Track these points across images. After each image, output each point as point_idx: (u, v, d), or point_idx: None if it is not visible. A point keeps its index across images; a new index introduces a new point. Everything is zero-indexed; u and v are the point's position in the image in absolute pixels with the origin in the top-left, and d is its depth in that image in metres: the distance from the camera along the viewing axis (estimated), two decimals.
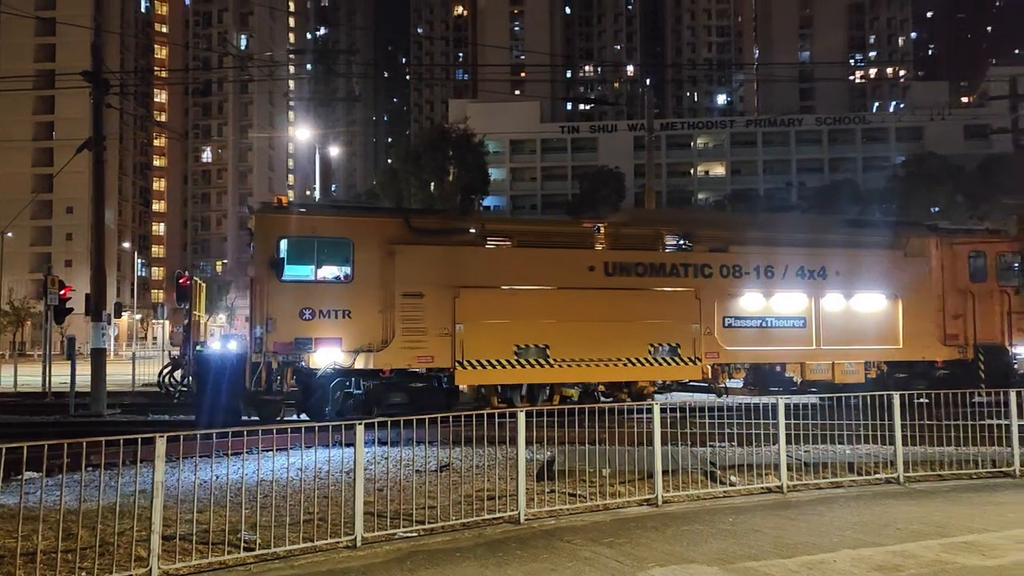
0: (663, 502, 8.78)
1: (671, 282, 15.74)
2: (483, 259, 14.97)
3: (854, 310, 16.99)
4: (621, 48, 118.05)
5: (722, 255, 16.23)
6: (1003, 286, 17.87)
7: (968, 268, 17.88)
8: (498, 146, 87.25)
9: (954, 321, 17.52)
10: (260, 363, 13.59)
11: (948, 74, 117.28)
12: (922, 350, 17.28)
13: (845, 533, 7.43)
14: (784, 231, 17.72)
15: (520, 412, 8.34)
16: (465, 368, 14.42)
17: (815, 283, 16.71)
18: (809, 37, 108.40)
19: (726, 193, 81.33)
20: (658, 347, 15.51)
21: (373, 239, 14.37)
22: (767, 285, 16.41)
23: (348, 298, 14.13)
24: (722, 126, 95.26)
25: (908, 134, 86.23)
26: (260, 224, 14.34)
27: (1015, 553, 6.69)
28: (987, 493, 9.39)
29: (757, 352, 16.40)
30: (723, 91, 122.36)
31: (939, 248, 17.82)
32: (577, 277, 15.19)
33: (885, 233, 18.42)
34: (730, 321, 16.12)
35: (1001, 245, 18.45)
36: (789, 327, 16.51)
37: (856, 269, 16.96)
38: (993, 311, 17.69)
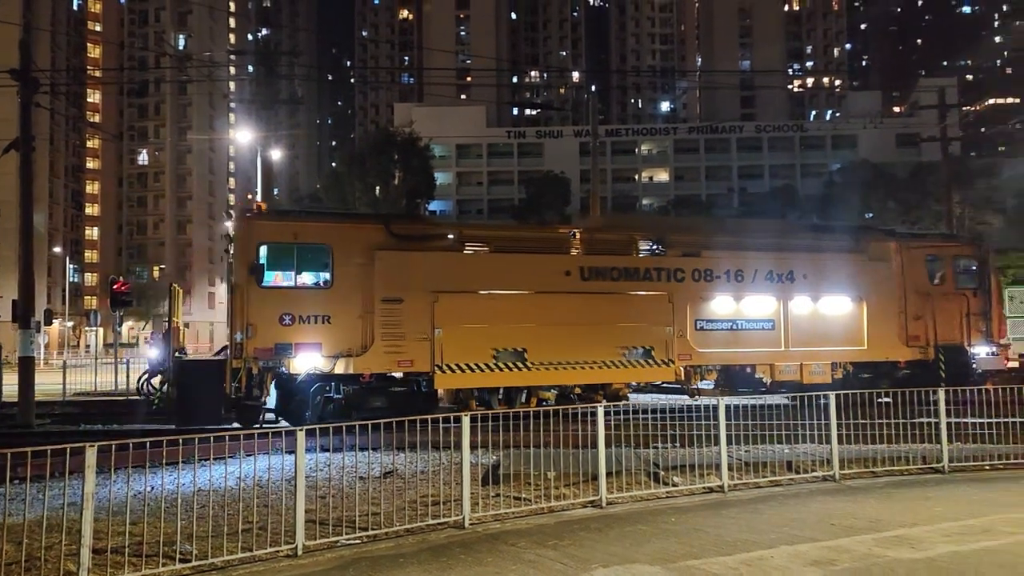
0: (607, 503, 8.83)
1: (645, 286, 16.12)
2: (461, 264, 15.22)
3: (821, 312, 17.49)
4: (566, 54, 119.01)
5: (694, 260, 16.66)
6: (961, 289, 18.57)
7: (927, 271, 18.52)
8: (444, 150, 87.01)
9: (915, 322, 18.09)
10: (240, 368, 13.63)
11: (881, 84, 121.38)
12: (886, 351, 17.82)
13: (783, 530, 7.58)
14: (753, 236, 18.16)
15: (464, 416, 8.30)
16: (444, 372, 14.60)
17: (783, 286, 17.20)
18: (749, 46, 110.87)
19: (670, 199, 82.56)
20: (632, 350, 15.87)
21: (353, 245, 14.50)
22: (737, 289, 16.86)
23: (328, 303, 14.25)
24: (665, 133, 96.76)
25: (843, 142, 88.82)
26: (240, 230, 14.42)
27: (943, 545, 6.92)
28: (918, 489, 9.68)
29: (728, 354, 16.82)
30: (667, 98, 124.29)
31: (900, 252, 18.39)
32: (553, 281, 15.47)
33: (848, 238, 18.98)
34: (702, 324, 16.53)
35: (958, 249, 19.27)
36: (758, 329, 16.98)
37: (822, 273, 17.46)
38: (952, 313, 18.32)
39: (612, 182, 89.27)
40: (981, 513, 8.12)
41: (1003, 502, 8.74)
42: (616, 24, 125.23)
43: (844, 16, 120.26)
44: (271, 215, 15.02)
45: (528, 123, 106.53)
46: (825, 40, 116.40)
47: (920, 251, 18.71)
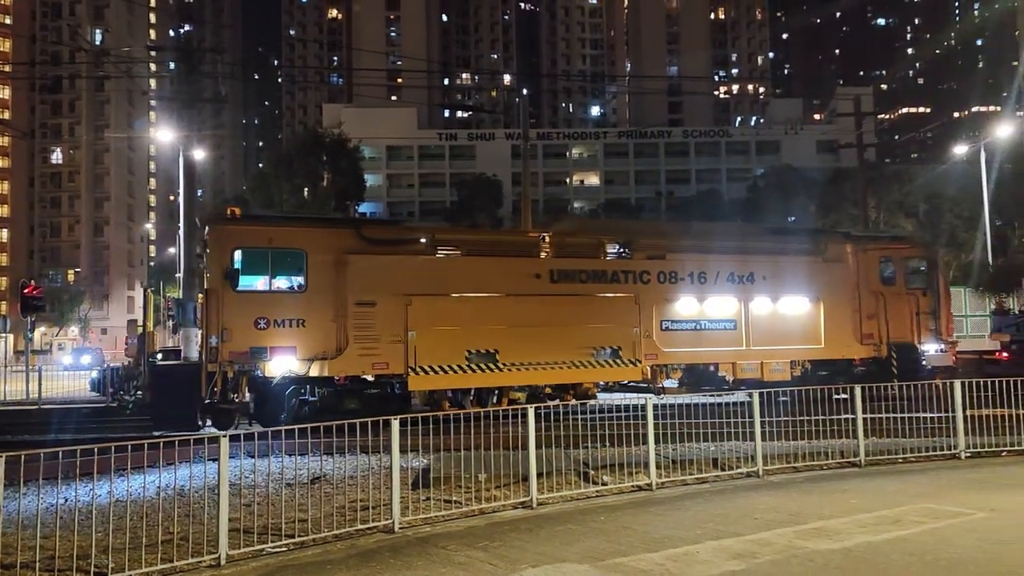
0: (538, 504, 8.87)
1: (612, 288, 16.56)
2: (434, 268, 15.47)
3: (780, 312, 18.07)
4: (498, 57, 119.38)
5: (660, 262, 17.15)
6: (911, 289, 19.29)
7: (880, 272, 19.20)
8: (374, 152, 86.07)
9: (869, 321, 18.73)
10: (216, 372, 13.69)
11: (802, 92, 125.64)
12: (841, 349, 18.45)
13: (708, 525, 7.75)
14: (716, 239, 18.64)
15: (394, 420, 8.23)
16: (418, 374, 14.83)
17: (744, 287, 17.75)
18: (677, 53, 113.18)
19: (600, 202, 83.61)
20: (601, 350, 16.26)
21: (326, 249, 14.64)
22: (700, 290, 17.37)
23: (302, 307, 14.39)
24: (596, 137, 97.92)
25: (767, 147, 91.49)
26: (215, 235, 14.45)
27: (858, 536, 7.18)
28: (837, 482, 10.02)
29: (692, 353, 17.32)
30: (597, 103, 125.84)
31: (855, 254, 19.07)
32: (524, 284, 15.81)
33: (806, 240, 19.69)
34: (667, 324, 17.00)
35: (909, 251, 20.02)
36: (721, 329, 17.49)
37: (781, 274, 18.05)
38: (903, 312, 19.03)
39: (544, 185, 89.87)
40: (894, 504, 8.46)
41: (913, 493, 9.13)
42: (547, 28, 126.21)
43: (767, 26, 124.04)
44: (246, 220, 15.08)
45: (460, 125, 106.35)
46: (749, 48, 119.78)
47: (874, 253, 19.33)
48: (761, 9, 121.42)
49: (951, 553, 6.58)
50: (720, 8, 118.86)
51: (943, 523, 7.59)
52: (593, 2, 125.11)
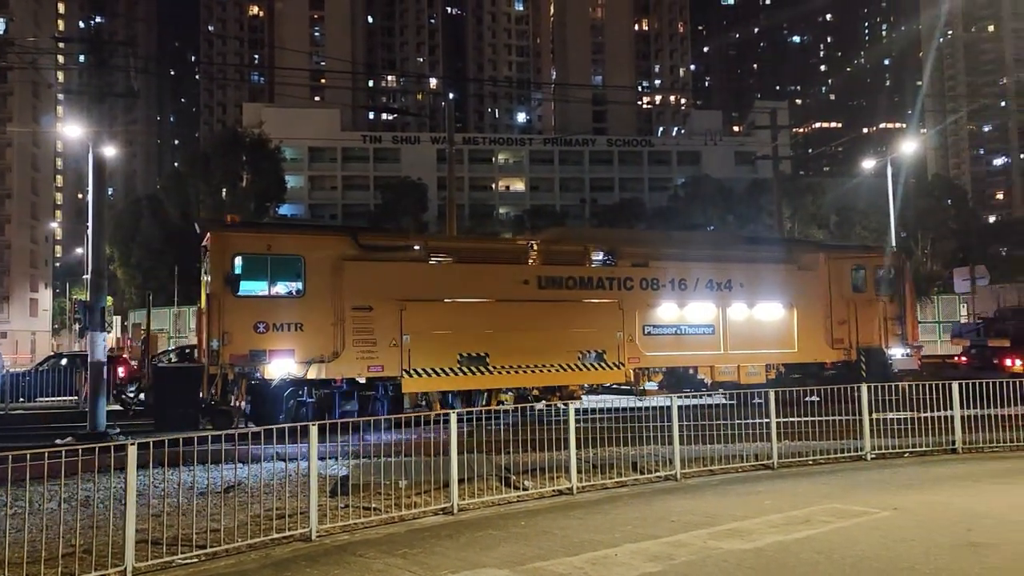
0: (459, 510, 8.82)
1: (597, 294, 17.14)
2: (427, 274, 15.99)
3: (756, 318, 18.77)
4: (424, 61, 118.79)
5: (642, 269, 17.76)
6: (879, 296, 20.11)
7: (851, 280, 19.97)
8: (296, 153, 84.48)
9: (840, 327, 19.49)
10: (216, 375, 14.09)
11: (722, 105, 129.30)
12: (814, 353, 19.23)
13: (627, 528, 7.85)
14: (696, 247, 19.40)
15: (312, 427, 8.06)
16: (412, 376, 15.32)
17: (722, 294, 18.44)
18: (601, 63, 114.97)
19: (526, 208, 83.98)
20: (586, 353, 16.86)
21: (324, 256, 15.08)
22: (681, 296, 18.04)
23: (301, 312, 14.82)
24: (521, 143, 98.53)
25: (688, 158, 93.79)
26: (216, 241, 14.81)
27: (770, 536, 7.39)
28: (750, 484, 10.29)
29: (673, 357, 17.94)
30: (523, 109, 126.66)
31: (826, 262, 19.85)
32: (513, 290, 16.39)
33: (780, 249, 20.57)
34: (649, 329, 17.63)
35: (878, 259, 20.84)
36: (700, 334, 18.20)
37: (757, 281, 18.79)
38: (872, 318, 19.82)
39: (469, 190, 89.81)
40: (804, 504, 8.74)
41: (822, 493, 9.45)
42: (473, 34, 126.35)
43: (688, 39, 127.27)
44: (246, 227, 15.76)
45: (384, 128, 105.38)
46: (671, 61, 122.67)
47: (845, 261, 20.21)
48: (683, 23, 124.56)
49: (856, 551, 6.83)
50: (644, 20, 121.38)
51: (849, 522, 7.88)
52: (520, 9, 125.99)
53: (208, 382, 14.10)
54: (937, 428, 12.95)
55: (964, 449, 12.65)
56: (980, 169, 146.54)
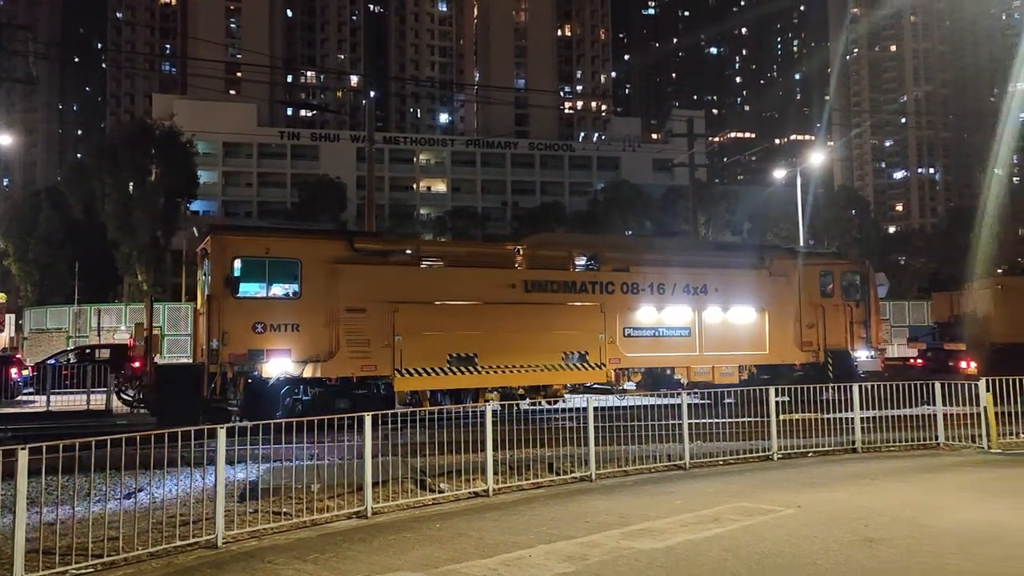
0: (373, 513, 8.69)
1: (580, 298, 17.83)
2: (419, 278, 16.60)
3: (729, 321, 19.57)
4: (345, 58, 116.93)
5: (623, 274, 18.50)
6: (846, 301, 21.00)
7: (819, 285, 20.84)
8: (209, 147, 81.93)
9: (808, 330, 20.38)
10: (216, 373, 14.57)
11: (641, 112, 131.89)
12: (784, 355, 20.08)
13: (542, 529, 7.87)
14: (673, 253, 20.14)
15: (220, 429, 7.80)
16: (404, 376, 15.87)
17: (698, 298, 19.22)
18: (524, 66, 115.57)
19: (447, 209, 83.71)
20: (570, 355, 17.56)
21: (320, 259, 15.60)
22: (659, 300, 18.79)
23: (297, 313, 15.34)
24: (443, 144, 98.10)
25: (607, 163, 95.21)
26: (216, 244, 15.29)
27: (681, 535, 7.53)
28: (663, 484, 10.48)
29: (651, 358, 18.69)
30: (445, 110, 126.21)
31: (796, 268, 20.71)
32: (500, 293, 17.01)
33: (753, 255, 21.33)
34: (629, 331, 18.35)
35: (845, 266, 21.86)
36: (677, 336, 18.98)
37: (731, 286, 19.61)
38: (839, 321, 20.72)
39: (390, 190, 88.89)
40: (714, 504, 8.95)
41: (732, 492, 9.71)
42: (396, 33, 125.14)
43: (609, 46, 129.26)
44: (245, 230, 16.53)
45: (303, 125, 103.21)
46: (593, 67, 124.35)
47: (815, 268, 21.10)
48: (605, 30, 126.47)
49: (762, 548, 7.03)
50: (566, 26, 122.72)
51: (756, 520, 8.11)
52: (443, 10, 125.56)
53: (208, 380, 14.55)
54: (839, 429, 13.52)
55: (864, 449, 13.23)
56: (882, 181, 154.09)
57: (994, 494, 9.48)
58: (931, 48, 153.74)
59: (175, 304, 36.45)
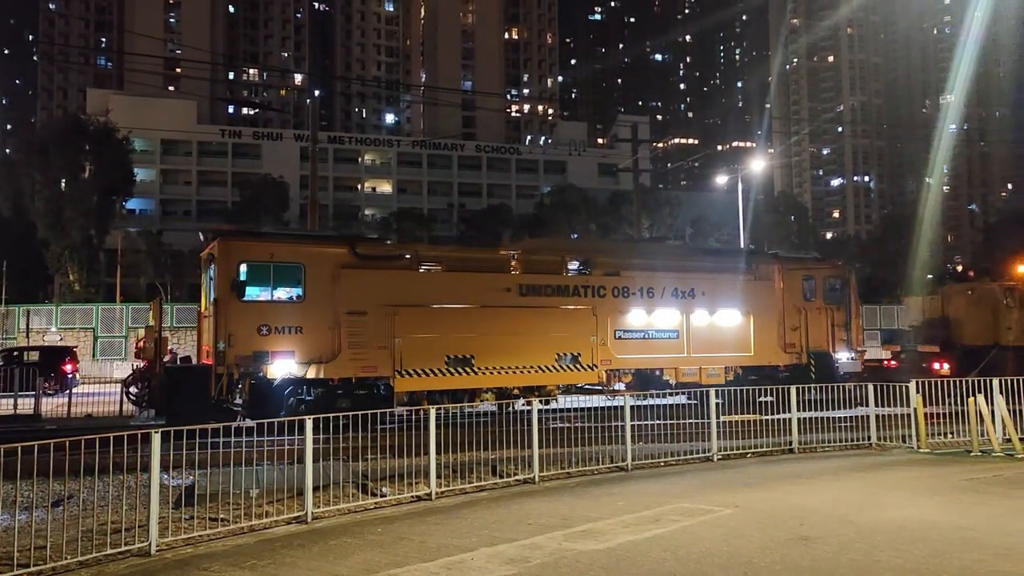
0: (313, 518, 8.57)
1: (573, 301, 18.44)
2: (417, 282, 17.06)
3: (716, 324, 20.16)
4: (288, 56, 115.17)
5: (614, 278, 19.09)
6: (828, 304, 21.69)
7: (802, 289, 21.51)
8: (147, 145, 79.74)
9: (792, 332, 21.06)
10: (223, 374, 14.95)
11: (587, 117, 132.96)
12: (768, 356, 20.69)
13: (484, 532, 7.86)
14: (662, 259, 20.70)
15: (155, 434, 7.59)
16: (403, 377, 16.37)
17: (686, 302, 19.81)
18: (471, 68, 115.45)
19: (392, 210, 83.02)
20: (563, 356, 18.12)
21: (322, 264, 16.09)
22: (649, 304, 19.35)
23: (300, 316, 15.79)
24: (389, 144, 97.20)
25: (554, 167, 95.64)
26: (224, 250, 15.73)
27: (622, 536, 7.60)
28: (606, 486, 10.56)
29: (641, 359, 19.18)
30: (391, 111, 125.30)
31: (780, 273, 21.35)
32: (496, 297, 17.54)
33: (738, 260, 21.92)
34: (620, 334, 18.93)
35: (827, 271, 22.56)
36: (666, 338, 19.56)
37: (718, 290, 20.22)
38: (821, 324, 21.40)
39: (334, 190, 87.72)
40: (655, 505, 9.06)
41: (673, 493, 9.84)
42: (342, 32, 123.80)
43: (556, 50, 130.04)
44: (251, 236, 16.77)
45: (245, 123, 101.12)
46: (540, 71, 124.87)
47: (797, 272, 21.68)
48: (552, 34, 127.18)
49: (701, 547, 7.14)
50: (514, 29, 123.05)
51: (696, 520, 8.24)
52: (390, 10, 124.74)
53: (215, 381, 14.97)
54: (778, 430, 13.83)
55: (800, 449, 13.55)
56: (820, 188, 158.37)
57: (922, 493, 9.80)
58: (866, 59, 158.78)
59: (108, 305, 35.29)
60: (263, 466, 9.90)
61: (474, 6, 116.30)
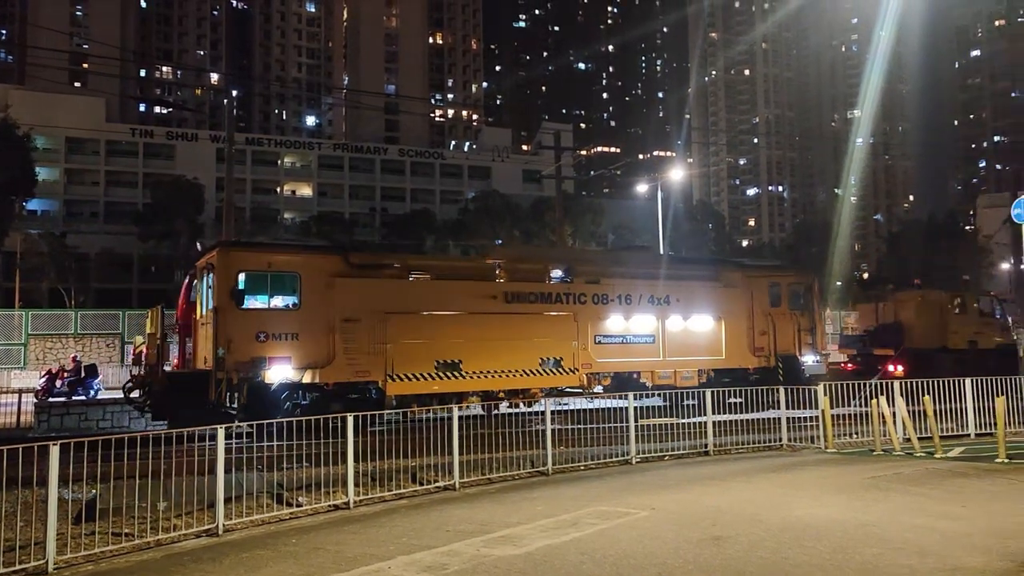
0: (225, 531, 8.31)
1: (555, 308, 19.06)
2: (407, 290, 17.57)
3: (689, 329, 20.90)
4: (204, 55, 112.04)
5: (594, 286, 19.74)
6: (793, 310, 22.56)
7: (769, 296, 22.31)
8: (51, 143, 76.24)
9: (760, 337, 21.87)
10: (223, 379, 15.31)
11: (512, 123, 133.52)
12: (739, 360, 21.48)
13: (402, 540, 7.77)
14: (638, 267, 21.39)
15: (53, 446, 7.22)
16: (395, 381, 16.84)
17: (661, 308, 20.55)
18: (395, 72, 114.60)
19: (312, 214, 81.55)
20: (546, 360, 18.75)
21: (317, 273, 16.56)
22: (627, 310, 20.03)
23: (296, 323, 16.23)
24: (310, 147, 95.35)
25: (478, 173, 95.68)
26: (223, 259, 16.10)
27: (540, 540, 7.63)
28: (526, 491, 10.59)
29: (620, 363, 19.87)
30: (312, 112, 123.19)
31: (748, 281, 22.21)
32: (483, 304, 18.10)
33: (710, 268, 22.90)
34: (600, 339, 19.59)
35: (792, 278, 23.46)
36: (642, 343, 20.25)
37: (691, 297, 20.99)
38: (788, 329, 22.29)
39: (252, 193, 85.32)
40: (573, 508, 9.13)
41: (591, 497, 9.94)
42: (261, 31, 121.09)
43: (481, 56, 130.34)
44: (249, 246, 17.52)
45: (157, 122, 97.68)
46: (464, 76, 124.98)
47: (764, 279, 22.52)
48: (476, 40, 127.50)
49: (617, 550, 7.22)
50: (438, 34, 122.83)
51: (613, 523, 8.33)
52: (312, 10, 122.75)
53: (215, 385, 15.33)
54: (694, 433, 14.15)
55: (715, 451, 13.89)
56: (736, 197, 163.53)
57: (828, 491, 10.17)
58: (779, 74, 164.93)
59: (6, 311, 33.46)
60: (171, 478, 9.53)
61: (398, 10, 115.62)
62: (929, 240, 68.26)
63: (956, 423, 15.57)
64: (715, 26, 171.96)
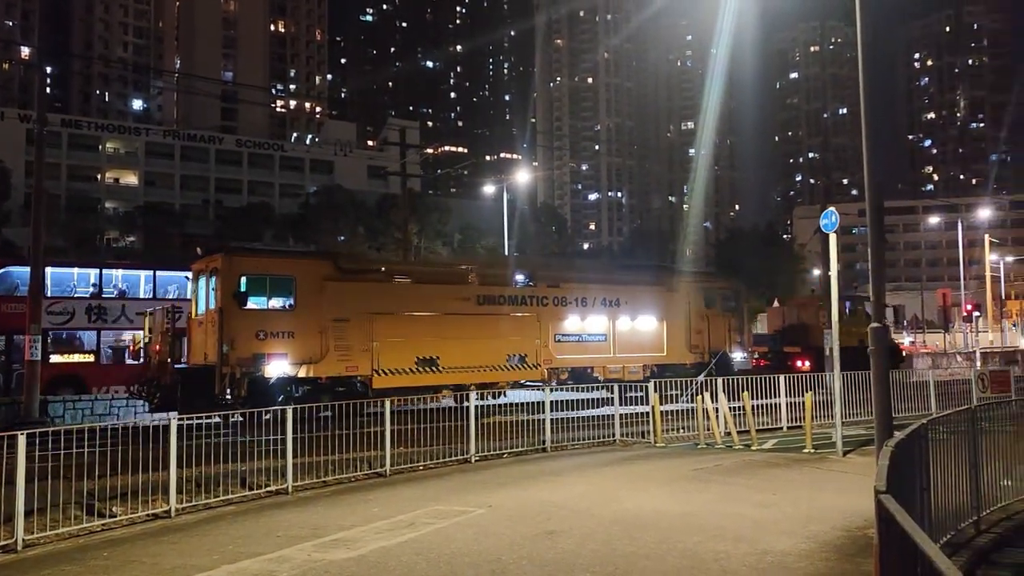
0: (25, 546, 7.63)
1: (521, 309, 21.14)
2: (391, 292, 19.28)
3: (637, 329, 23.20)
4: (14, 25, 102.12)
5: (555, 289, 22.04)
6: (724, 312, 25.32)
7: (704, 300, 24.87)
8: None
9: (697, 335, 24.39)
10: (227, 374, 16.57)
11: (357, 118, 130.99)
12: (678, 356, 23.89)
13: (228, 548, 7.39)
14: (593, 272, 24.38)
15: None
16: (380, 375, 18.48)
17: (612, 310, 22.81)
18: (233, 58, 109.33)
19: (139, 204, 76.20)
20: (512, 357, 20.68)
21: (311, 276, 18.13)
22: (583, 311, 22.29)
23: (292, 322, 17.70)
24: (136, 132, 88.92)
25: (321, 167, 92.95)
26: (227, 264, 17.37)
27: (375, 542, 7.49)
28: (362, 493, 10.38)
29: (576, 359, 22.14)
30: (140, 96, 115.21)
31: (686, 285, 24.78)
32: (458, 305, 19.96)
33: (654, 274, 25.71)
34: (559, 337, 21.76)
35: (723, 284, 26.74)
36: (596, 341, 22.48)
37: (638, 300, 23.37)
38: (720, 329, 24.91)
39: (68, 180, 78.48)
40: (410, 509, 9.03)
41: (429, 497, 9.88)
42: (81, 5, 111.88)
43: (326, 48, 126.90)
44: (250, 252, 19.48)
45: None
46: (308, 67, 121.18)
47: (699, 285, 25.40)
48: (321, 31, 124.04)
49: (452, 548, 7.21)
50: (280, 22, 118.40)
51: (449, 522, 8.31)
52: None
53: (219, 379, 16.51)
54: (533, 430, 14.42)
55: (552, 448, 14.23)
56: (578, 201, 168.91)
57: (655, 484, 10.66)
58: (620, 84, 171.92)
59: None
60: None
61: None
62: (753, 247, 73.32)
63: (771, 417, 16.84)
64: (561, 33, 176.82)
